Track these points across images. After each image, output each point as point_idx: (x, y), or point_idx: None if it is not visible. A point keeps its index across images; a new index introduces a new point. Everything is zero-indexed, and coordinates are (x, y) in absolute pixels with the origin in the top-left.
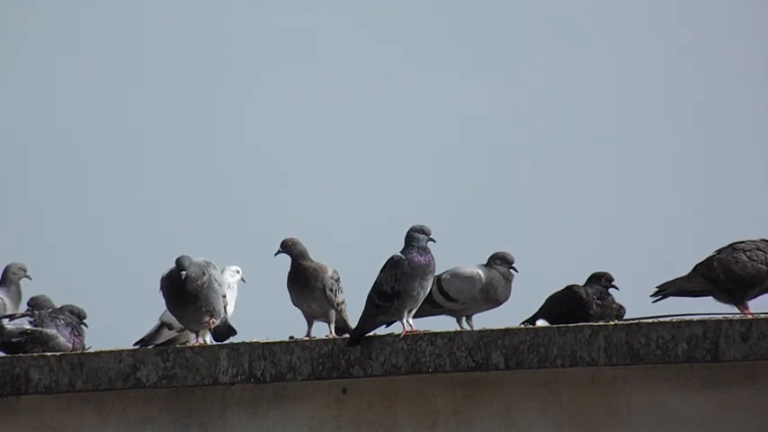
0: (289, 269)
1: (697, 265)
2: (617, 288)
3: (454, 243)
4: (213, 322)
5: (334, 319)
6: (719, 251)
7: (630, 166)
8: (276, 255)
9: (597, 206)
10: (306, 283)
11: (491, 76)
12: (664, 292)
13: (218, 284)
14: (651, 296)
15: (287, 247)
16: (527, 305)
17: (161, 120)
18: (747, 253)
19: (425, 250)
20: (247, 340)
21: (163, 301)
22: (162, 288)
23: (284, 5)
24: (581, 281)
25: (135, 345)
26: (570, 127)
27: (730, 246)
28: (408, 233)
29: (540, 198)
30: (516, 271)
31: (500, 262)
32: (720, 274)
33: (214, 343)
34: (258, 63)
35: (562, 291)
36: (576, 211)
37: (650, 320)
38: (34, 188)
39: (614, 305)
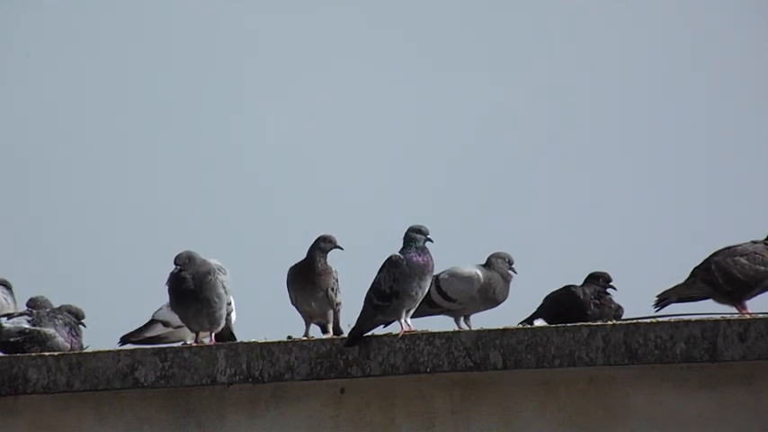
0: (292, 267)
1: (695, 270)
2: (615, 288)
3: (454, 243)
4: (206, 335)
5: (332, 319)
6: (716, 254)
7: (632, 167)
8: (331, 250)
9: (597, 206)
10: (311, 281)
11: (497, 76)
12: (665, 300)
13: (225, 291)
14: (653, 306)
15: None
16: (525, 305)
17: (160, 121)
18: (745, 255)
19: (424, 250)
20: (245, 340)
21: (164, 299)
22: (167, 284)
23: (296, 5)
24: (580, 281)
25: (121, 339)
26: (571, 128)
27: (726, 249)
28: (407, 233)
29: (540, 198)
30: (515, 272)
31: (500, 262)
32: (719, 277)
33: (212, 342)
34: (267, 59)
35: (560, 290)
36: (575, 211)
37: (648, 320)
38: (33, 188)
39: (612, 305)
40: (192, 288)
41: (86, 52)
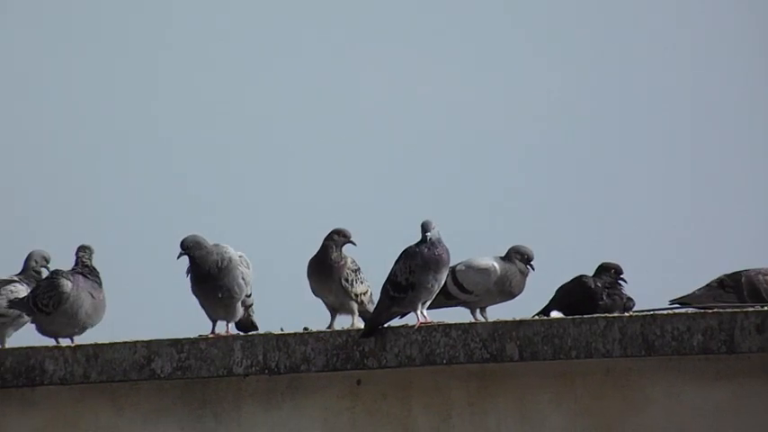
0: (310, 258)
1: (722, 278)
2: (625, 281)
3: (472, 235)
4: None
5: (356, 311)
6: (748, 269)
7: (643, 162)
8: (344, 245)
9: (613, 200)
10: (324, 273)
11: (503, 73)
12: (684, 306)
13: (245, 282)
14: (670, 302)
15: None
16: (542, 297)
17: (164, 121)
18: None
19: (440, 242)
20: (262, 331)
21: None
22: (188, 271)
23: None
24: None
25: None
26: (587, 122)
27: (760, 268)
28: (422, 225)
29: (557, 191)
30: (533, 269)
31: (519, 257)
32: (745, 289)
33: (229, 333)
34: (281, 52)
35: (572, 281)
36: (592, 204)
37: (665, 312)
38: (36, 183)
39: (623, 296)
40: (210, 274)
41: (96, 62)
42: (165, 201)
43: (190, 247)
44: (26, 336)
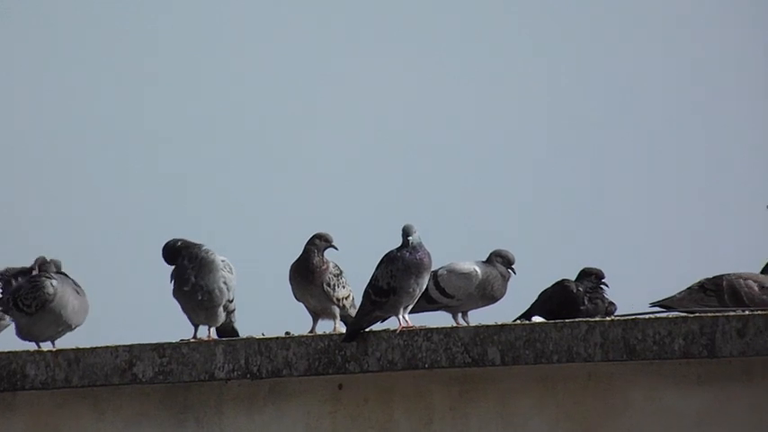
0: (292, 263)
1: (703, 282)
2: (607, 286)
3: (454, 239)
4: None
5: (338, 315)
6: (729, 273)
7: (628, 165)
8: (325, 249)
9: (595, 204)
10: (306, 277)
11: (490, 75)
12: (667, 309)
13: (227, 287)
14: (651, 305)
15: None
16: (524, 301)
17: (160, 121)
18: (757, 282)
19: (421, 247)
20: (243, 336)
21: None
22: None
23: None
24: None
25: None
26: (572, 127)
27: (741, 272)
28: (403, 230)
29: (539, 195)
30: (515, 273)
31: (501, 260)
32: (726, 292)
33: (210, 338)
34: (275, 54)
35: (553, 286)
36: (574, 208)
37: (647, 316)
38: (29, 184)
39: (605, 301)
40: (188, 278)
41: (98, 66)
42: (147, 204)
43: (174, 253)
44: (7, 340)
